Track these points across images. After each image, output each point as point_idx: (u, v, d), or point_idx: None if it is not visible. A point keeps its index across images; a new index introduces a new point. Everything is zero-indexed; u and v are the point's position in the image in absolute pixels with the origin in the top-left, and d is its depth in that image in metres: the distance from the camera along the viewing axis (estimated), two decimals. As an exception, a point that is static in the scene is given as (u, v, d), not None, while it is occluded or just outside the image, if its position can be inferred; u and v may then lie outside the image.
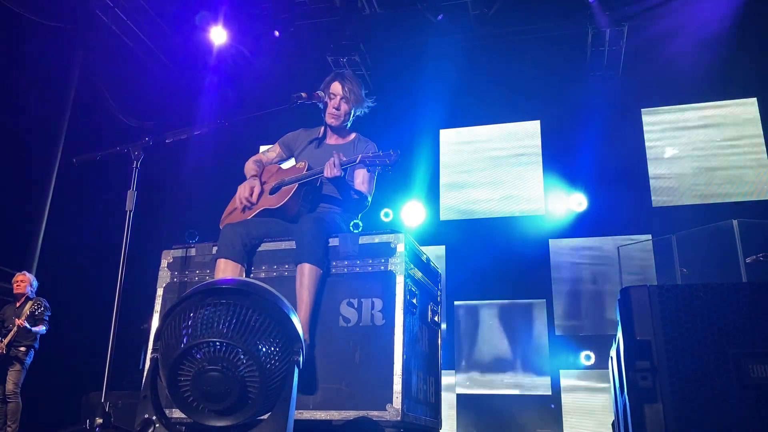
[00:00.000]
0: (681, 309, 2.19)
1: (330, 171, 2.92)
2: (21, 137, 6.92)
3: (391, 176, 2.92)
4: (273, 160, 3.42)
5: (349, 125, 3.40)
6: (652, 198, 8.40)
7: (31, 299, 6.15)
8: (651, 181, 8.46)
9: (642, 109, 8.76)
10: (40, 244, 7.07)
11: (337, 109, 3.25)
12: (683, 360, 2.14)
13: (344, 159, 2.95)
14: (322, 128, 3.39)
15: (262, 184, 3.25)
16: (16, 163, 6.85)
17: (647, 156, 8.58)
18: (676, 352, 2.15)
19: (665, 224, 7.74)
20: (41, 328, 6.06)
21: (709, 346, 2.14)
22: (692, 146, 8.50)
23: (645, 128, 8.71)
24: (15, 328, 5.91)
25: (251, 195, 3.15)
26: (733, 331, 2.14)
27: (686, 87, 8.27)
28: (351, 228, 2.87)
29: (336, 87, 3.26)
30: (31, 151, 7.09)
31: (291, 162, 3.37)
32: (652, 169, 8.52)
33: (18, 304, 6.14)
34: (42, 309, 6.09)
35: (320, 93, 3.26)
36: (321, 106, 3.30)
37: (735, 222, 6.37)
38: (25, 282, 6.18)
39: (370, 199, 3.26)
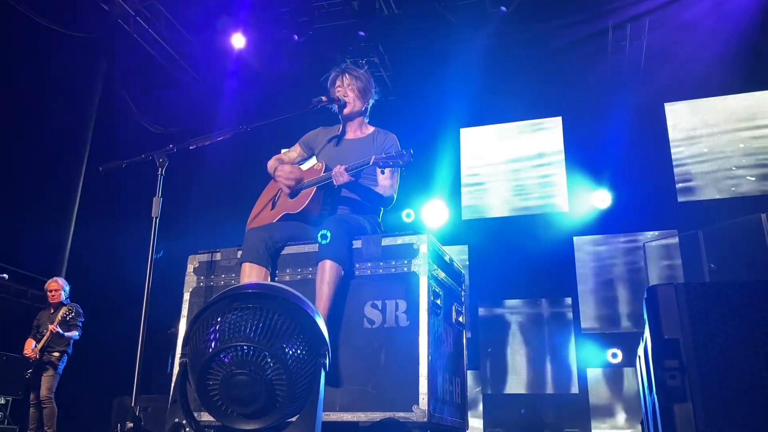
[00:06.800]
0: (709, 307, 2.16)
1: (337, 180, 2.94)
2: (47, 146, 7.06)
3: (413, 177, 2.92)
4: (294, 160, 3.44)
5: (367, 120, 3.42)
6: (678, 193, 8.28)
7: (65, 305, 6.23)
8: (676, 176, 8.34)
9: (665, 104, 8.64)
10: (68, 251, 7.21)
11: (345, 97, 3.31)
12: (713, 359, 2.11)
13: (353, 163, 2.94)
14: (341, 125, 3.41)
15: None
16: (44, 172, 6.99)
17: (671, 150, 8.46)
18: (706, 351, 2.12)
19: (691, 219, 7.62)
20: (74, 334, 6.13)
21: (739, 344, 2.10)
22: (717, 139, 8.37)
23: (668, 122, 8.59)
24: (48, 333, 6.00)
25: (291, 175, 3.16)
26: (764, 329, 2.10)
27: (709, 79, 8.14)
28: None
29: (338, 81, 3.35)
30: (57, 159, 7.23)
31: (312, 161, 3.39)
32: (677, 164, 8.40)
33: (52, 310, 6.24)
34: (74, 314, 6.16)
35: (336, 95, 3.31)
36: (338, 108, 3.33)
37: (763, 216, 6.23)
38: (59, 290, 6.25)
39: (394, 196, 3.23)
